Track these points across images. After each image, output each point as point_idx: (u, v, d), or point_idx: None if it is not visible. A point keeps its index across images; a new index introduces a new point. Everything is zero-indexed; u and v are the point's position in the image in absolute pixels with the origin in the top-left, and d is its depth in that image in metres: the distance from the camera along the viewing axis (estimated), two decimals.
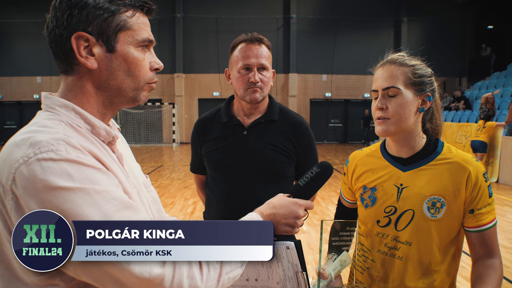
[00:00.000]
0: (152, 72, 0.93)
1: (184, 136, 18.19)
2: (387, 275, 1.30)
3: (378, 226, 1.32)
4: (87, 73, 0.87)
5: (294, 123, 1.81)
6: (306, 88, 18.61)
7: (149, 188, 1.06)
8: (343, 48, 18.16)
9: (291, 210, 1.02)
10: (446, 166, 1.25)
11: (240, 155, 1.72)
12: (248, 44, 1.69)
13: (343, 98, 18.86)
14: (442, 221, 1.24)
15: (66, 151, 0.75)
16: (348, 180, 1.46)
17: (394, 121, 1.23)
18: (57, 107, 0.86)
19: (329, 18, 17.79)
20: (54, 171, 0.72)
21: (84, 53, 0.84)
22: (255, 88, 1.67)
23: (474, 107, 12.80)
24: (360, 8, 17.93)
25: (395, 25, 18.52)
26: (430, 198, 1.24)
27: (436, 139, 1.32)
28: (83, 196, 0.73)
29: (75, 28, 0.83)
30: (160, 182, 8.43)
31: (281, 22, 18.06)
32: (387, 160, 1.34)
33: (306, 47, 18.09)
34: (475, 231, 1.24)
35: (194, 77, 17.82)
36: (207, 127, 1.82)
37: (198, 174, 1.97)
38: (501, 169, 8.72)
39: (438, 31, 17.51)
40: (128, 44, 0.87)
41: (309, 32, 18.14)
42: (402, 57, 1.27)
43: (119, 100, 0.92)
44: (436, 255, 1.26)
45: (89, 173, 0.75)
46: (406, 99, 1.22)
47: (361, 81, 18.52)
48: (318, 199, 6.75)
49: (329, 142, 19.05)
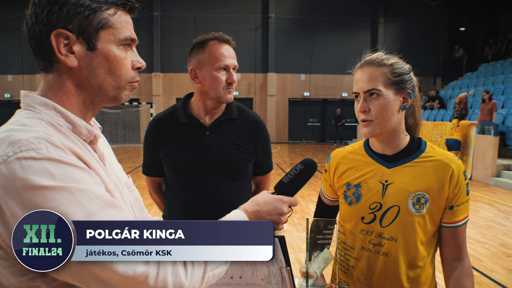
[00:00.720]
0: (134, 71, 0.92)
1: None
2: (371, 272, 1.31)
3: (363, 223, 1.32)
4: (67, 71, 0.85)
5: (254, 121, 1.82)
6: (285, 88, 18.70)
7: (131, 188, 1.05)
8: (321, 48, 18.34)
9: (275, 206, 1.03)
10: (431, 163, 1.28)
11: (204, 156, 1.70)
12: (220, 43, 1.67)
13: (321, 97, 19.05)
14: (426, 217, 1.27)
15: (47, 150, 0.73)
16: (329, 177, 1.46)
17: (378, 122, 1.24)
18: (37, 106, 0.83)
19: (307, 18, 17.92)
20: (35, 170, 0.70)
21: (64, 51, 0.83)
22: (231, 89, 1.68)
23: (448, 106, 13.16)
24: (338, 8, 18.15)
25: (372, 25, 18.83)
26: (415, 194, 1.26)
27: (419, 138, 1.35)
28: (65, 195, 0.71)
29: (55, 25, 0.81)
30: (138, 183, 8.27)
31: (259, 21, 18.09)
32: (372, 157, 1.35)
33: (285, 47, 18.17)
34: (450, 226, 1.29)
35: (172, 77, 17.64)
36: (165, 128, 1.77)
37: (153, 177, 1.90)
38: (474, 167, 8.98)
39: (413, 32, 17.90)
40: (109, 42, 0.86)
41: (288, 32, 18.24)
42: (380, 57, 1.28)
43: (100, 99, 0.90)
44: (421, 249, 1.29)
45: (71, 171, 0.74)
46: (388, 100, 1.24)
47: (339, 81, 18.74)
48: (298, 197, 6.77)
49: (308, 141, 19.21)
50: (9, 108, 18.09)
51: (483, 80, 14.24)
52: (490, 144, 8.42)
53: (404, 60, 1.33)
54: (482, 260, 4.16)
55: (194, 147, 1.71)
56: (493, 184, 8.33)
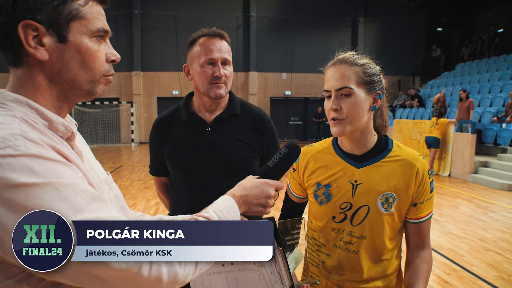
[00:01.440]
0: (109, 64, 0.88)
1: (143, 135, 17.77)
2: (342, 268, 1.35)
3: (334, 221, 1.34)
4: (38, 64, 0.80)
5: (257, 116, 1.78)
6: (266, 87, 18.74)
7: (111, 185, 1.02)
8: (303, 47, 18.45)
9: (262, 190, 1.04)
10: (397, 163, 1.31)
11: (205, 153, 1.66)
12: (210, 38, 1.63)
13: (302, 96, 19.16)
14: (394, 215, 1.31)
15: (26, 146, 0.70)
16: (298, 176, 1.45)
17: (349, 121, 1.25)
18: (9, 102, 0.78)
19: (288, 17, 18.00)
20: (14, 167, 0.67)
21: (33, 43, 0.78)
22: (220, 83, 1.62)
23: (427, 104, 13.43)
24: (319, 8, 18.29)
25: (352, 25, 19.04)
26: (384, 194, 1.29)
27: (385, 136, 1.37)
28: (50, 191, 0.68)
29: (22, 16, 0.76)
30: (120, 183, 8.17)
31: (240, 20, 18.06)
32: (341, 157, 1.36)
33: (266, 46, 18.20)
34: (414, 222, 1.34)
35: (153, 75, 17.45)
36: (168, 126, 1.74)
37: (159, 177, 1.88)
38: (452, 164, 9.20)
39: (393, 31, 18.20)
40: (81, 34, 0.82)
41: (269, 31, 18.27)
42: (352, 56, 1.29)
43: (74, 94, 0.86)
44: (387, 245, 1.34)
45: (52, 167, 0.71)
46: (359, 99, 1.24)
47: (320, 80, 18.71)
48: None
49: (290, 140, 19.30)
50: None
51: (460, 79, 14.59)
52: (468, 142, 8.64)
53: (384, 59, 1.36)
54: (463, 255, 4.27)
55: (195, 144, 1.68)
56: (471, 181, 8.54)
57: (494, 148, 9.47)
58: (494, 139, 9.44)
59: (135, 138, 16.26)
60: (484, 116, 10.39)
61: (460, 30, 19.17)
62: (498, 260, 4.13)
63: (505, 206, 6.47)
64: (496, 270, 3.85)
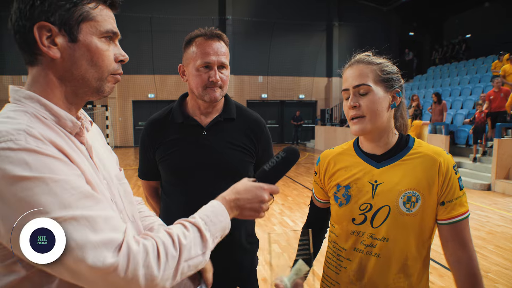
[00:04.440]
0: (117, 64, 0.94)
1: (119, 139, 17.43)
2: (363, 273, 1.29)
3: (354, 224, 1.30)
4: (50, 63, 0.86)
5: (253, 120, 1.74)
6: (243, 90, 18.74)
7: (122, 181, 1.05)
8: (278, 50, 18.57)
9: (255, 194, 1.03)
10: (418, 160, 1.26)
11: (201, 157, 1.61)
12: (207, 40, 1.57)
13: (278, 99, 19.27)
14: (417, 215, 1.23)
15: (26, 141, 0.74)
16: (320, 179, 1.44)
17: (369, 118, 1.23)
18: (23, 99, 0.85)
19: (264, 20, 18.08)
20: (12, 160, 0.71)
21: (46, 43, 0.84)
22: (215, 87, 1.57)
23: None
24: (294, 11, 18.47)
25: (327, 28, 19.32)
26: (405, 193, 1.23)
27: (407, 136, 1.34)
28: (39, 185, 0.71)
29: (38, 18, 0.83)
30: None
31: (217, 23, 18.00)
32: (361, 158, 1.33)
33: (242, 49, 18.20)
34: (446, 223, 1.24)
35: (128, 78, 17.14)
36: (161, 129, 1.67)
37: (148, 181, 1.81)
38: None
39: (367, 35, 18.53)
40: (91, 34, 0.88)
41: (245, 34, 18.30)
42: (369, 56, 1.29)
43: (83, 91, 0.91)
44: (412, 250, 1.25)
45: (48, 162, 0.74)
46: (378, 96, 1.23)
47: (296, 83, 19.05)
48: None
49: None
50: None
51: (432, 82, 15.03)
52: (442, 143, 8.89)
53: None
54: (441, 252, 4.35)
55: (190, 147, 1.62)
56: None
57: (466, 149, 9.78)
58: (466, 140, 9.75)
59: (110, 142, 15.92)
60: (456, 118, 10.72)
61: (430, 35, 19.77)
62: None
63: (479, 204, 6.68)
64: None
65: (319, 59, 19.29)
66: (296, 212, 6.16)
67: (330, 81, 19.42)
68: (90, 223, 0.74)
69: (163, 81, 17.54)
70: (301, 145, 18.11)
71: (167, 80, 17.41)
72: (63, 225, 0.71)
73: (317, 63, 19.22)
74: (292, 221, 5.62)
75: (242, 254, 1.70)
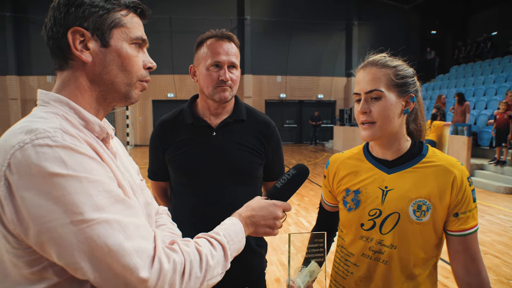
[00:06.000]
0: (145, 71, 0.96)
1: (139, 138, 17.68)
2: (370, 279, 1.27)
3: (362, 229, 1.28)
4: (81, 67, 0.88)
5: (263, 122, 1.74)
6: (261, 89, 18.73)
7: (144, 191, 1.06)
8: (297, 49, 18.48)
9: (269, 211, 1.05)
10: (431, 169, 1.23)
11: (210, 158, 1.61)
12: (218, 41, 1.59)
13: (297, 99, 19.18)
14: (428, 225, 1.21)
15: (63, 138, 0.75)
16: (329, 183, 1.42)
17: (380, 124, 1.20)
18: (52, 102, 0.86)
19: (283, 20, 18.02)
20: (48, 157, 0.71)
21: (79, 47, 0.87)
22: (225, 86, 1.58)
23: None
24: (313, 11, 18.34)
25: (346, 28, 19.11)
26: (416, 201, 1.21)
27: (420, 142, 1.30)
28: (74, 184, 0.72)
29: (72, 24, 0.86)
30: None
31: (235, 23, 18.05)
32: (371, 163, 1.31)
33: (261, 49, 18.21)
34: (458, 235, 1.21)
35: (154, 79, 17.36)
36: (171, 129, 1.69)
37: (158, 182, 1.82)
38: None
39: (387, 34, 18.26)
40: (122, 40, 0.90)
41: (264, 34, 18.29)
42: (384, 58, 1.24)
43: (112, 96, 0.92)
44: (421, 259, 1.24)
45: (83, 161, 0.75)
46: (390, 102, 1.20)
47: (315, 82, 18.92)
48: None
49: (285, 143, 19.29)
50: None
51: (455, 81, 14.67)
52: (464, 144, 8.66)
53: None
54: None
55: (200, 148, 1.63)
56: None
57: (490, 151, 9.51)
58: (490, 141, 9.47)
59: (130, 141, 16.16)
60: (479, 119, 10.44)
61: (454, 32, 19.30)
62: (496, 263, 4.11)
63: (502, 209, 6.48)
64: (494, 274, 3.83)
65: (338, 58, 19.10)
66: (312, 213, 6.11)
67: (349, 80, 19.20)
68: (122, 228, 0.74)
69: (182, 81, 17.69)
70: (320, 145, 17.98)
71: (186, 80, 17.56)
72: (96, 228, 0.71)
73: (336, 62, 19.03)
74: (308, 221, 5.57)
75: (251, 258, 1.70)
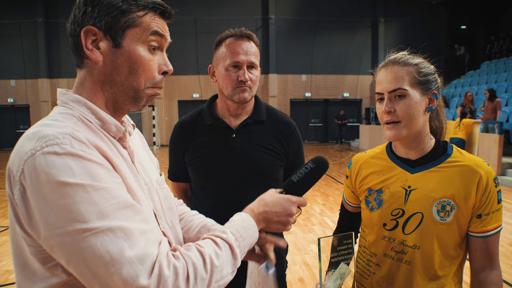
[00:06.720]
0: (160, 76, 0.92)
1: (165, 138, 17.98)
2: (393, 280, 1.25)
3: (385, 229, 1.27)
4: (94, 66, 0.88)
5: (283, 123, 1.71)
6: (286, 89, 18.69)
7: (162, 186, 1.05)
8: (322, 48, 18.33)
9: (283, 207, 1.01)
10: (457, 169, 1.20)
11: (230, 160, 1.60)
12: (237, 40, 1.56)
13: (322, 98, 19.03)
14: (452, 225, 1.19)
15: (71, 145, 0.75)
16: (351, 183, 1.41)
17: (405, 123, 1.18)
18: (70, 102, 0.87)
19: (307, 19, 17.92)
20: (57, 165, 0.72)
21: (90, 46, 0.86)
22: (244, 87, 1.55)
23: (451, 105, 13.10)
24: (338, 8, 18.15)
25: (372, 25, 18.81)
26: (440, 201, 1.19)
27: (445, 142, 1.28)
28: (80, 193, 0.72)
29: (86, 23, 0.86)
30: None
31: (259, 23, 18.08)
32: (394, 162, 1.29)
33: (285, 48, 18.17)
34: (479, 236, 1.19)
35: (173, 79, 17.65)
36: (190, 131, 1.67)
37: (178, 182, 1.82)
38: None
39: (414, 31, 17.86)
40: (135, 41, 0.88)
41: (288, 33, 18.23)
42: (405, 56, 1.23)
43: (122, 99, 0.91)
44: (444, 260, 1.22)
45: (90, 168, 0.75)
46: (414, 100, 1.18)
47: (340, 81, 18.72)
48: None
49: (310, 142, 19.18)
50: (12, 113, 18.09)
51: (486, 78, 14.19)
52: (495, 142, 8.38)
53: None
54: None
55: (219, 150, 1.61)
56: (499, 183, 8.26)
57: None
58: None
59: (156, 141, 16.46)
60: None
61: (485, 27, 18.67)
62: None
63: None
64: None
65: (364, 56, 18.81)
66: (337, 212, 6.05)
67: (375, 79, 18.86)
68: (126, 235, 0.73)
69: (207, 81, 17.87)
70: (346, 144, 17.78)
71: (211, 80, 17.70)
72: (100, 236, 0.71)
73: (362, 60, 18.75)
74: (333, 221, 5.52)
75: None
